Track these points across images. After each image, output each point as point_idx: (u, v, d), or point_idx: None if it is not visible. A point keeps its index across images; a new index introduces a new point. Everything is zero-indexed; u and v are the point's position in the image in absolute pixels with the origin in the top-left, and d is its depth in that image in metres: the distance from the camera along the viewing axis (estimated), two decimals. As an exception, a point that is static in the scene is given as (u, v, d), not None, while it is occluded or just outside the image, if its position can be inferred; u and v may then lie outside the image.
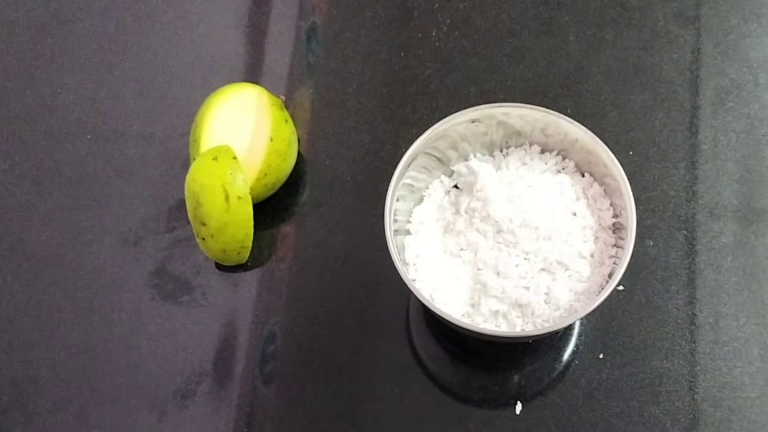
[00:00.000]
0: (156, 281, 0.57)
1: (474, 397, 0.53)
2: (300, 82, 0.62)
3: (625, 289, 0.54)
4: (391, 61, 0.62)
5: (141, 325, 0.56)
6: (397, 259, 0.47)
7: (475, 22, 0.63)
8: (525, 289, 0.48)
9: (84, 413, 0.54)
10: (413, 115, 0.60)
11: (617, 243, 0.50)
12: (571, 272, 0.49)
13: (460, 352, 0.54)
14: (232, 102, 0.56)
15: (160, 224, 0.58)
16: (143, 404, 0.54)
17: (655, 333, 0.53)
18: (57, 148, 0.61)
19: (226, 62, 0.64)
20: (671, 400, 0.52)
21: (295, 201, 0.59)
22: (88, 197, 0.60)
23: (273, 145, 0.55)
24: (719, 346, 0.53)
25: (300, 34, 0.64)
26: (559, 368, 0.53)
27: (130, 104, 0.62)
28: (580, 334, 0.54)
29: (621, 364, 0.53)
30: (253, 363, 0.54)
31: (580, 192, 0.51)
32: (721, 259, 0.55)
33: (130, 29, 0.65)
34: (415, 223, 0.52)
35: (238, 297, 0.56)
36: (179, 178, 0.56)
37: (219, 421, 0.53)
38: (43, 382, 0.55)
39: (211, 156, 0.53)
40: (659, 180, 0.57)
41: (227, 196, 0.52)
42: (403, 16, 0.64)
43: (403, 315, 0.55)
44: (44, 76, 0.64)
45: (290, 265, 0.57)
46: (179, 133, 0.60)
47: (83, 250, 0.58)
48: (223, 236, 0.53)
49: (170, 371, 0.54)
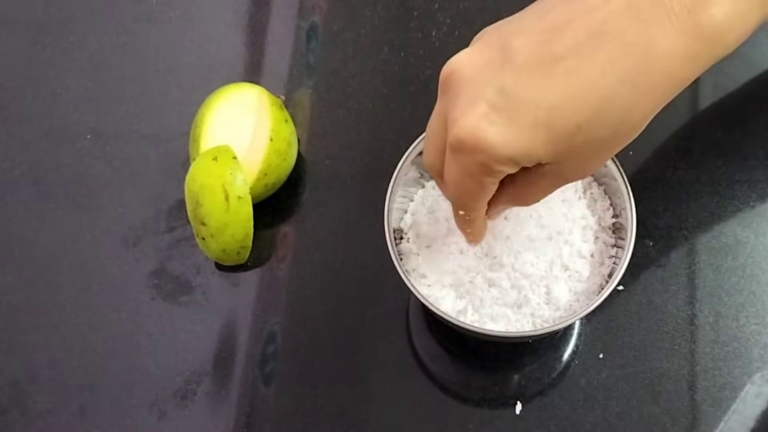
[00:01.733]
0: (156, 281, 0.57)
1: (474, 397, 0.53)
2: (300, 82, 0.62)
3: (625, 289, 0.54)
4: (391, 61, 0.62)
5: (141, 325, 0.56)
6: (397, 259, 0.47)
7: (475, 22, 0.63)
8: (525, 289, 0.48)
9: (84, 413, 0.54)
10: (413, 115, 0.60)
11: (617, 243, 0.50)
12: (571, 272, 0.49)
13: (460, 352, 0.54)
14: (232, 102, 0.56)
15: (160, 224, 0.58)
16: (143, 404, 0.54)
17: (655, 333, 0.53)
18: (57, 148, 0.61)
19: (226, 62, 0.64)
20: (671, 400, 0.52)
21: (295, 201, 0.59)
22: (88, 197, 0.60)
23: (273, 145, 0.55)
24: (719, 346, 0.53)
25: (300, 34, 0.64)
26: (559, 368, 0.53)
27: (130, 104, 0.62)
28: (580, 334, 0.54)
29: (621, 364, 0.53)
30: (253, 363, 0.54)
31: (581, 192, 0.51)
32: (721, 259, 0.55)
33: (130, 29, 0.65)
34: (415, 222, 0.52)
35: (238, 297, 0.56)
36: (179, 178, 0.56)
37: (219, 421, 0.53)
38: (43, 382, 0.55)
39: (211, 156, 0.53)
40: (659, 180, 0.57)
41: (227, 196, 0.52)
42: (403, 16, 0.64)
43: (403, 315, 0.55)
44: (44, 76, 0.64)
45: (290, 265, 0.57)
46: (179, 133, 0.60)
47: (83, 250, 0.58)
48: (223, 236, 0.53)
49: (170, 371, 0.54)
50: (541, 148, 0.38)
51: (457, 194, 0.42)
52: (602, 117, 0.38)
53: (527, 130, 0.38)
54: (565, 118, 0.38)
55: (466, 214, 0.44)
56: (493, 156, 0.38)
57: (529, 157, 0.39)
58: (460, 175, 0.41)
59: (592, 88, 0.37)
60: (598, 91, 0.37)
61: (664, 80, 0.38)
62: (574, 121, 0.38)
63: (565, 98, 0.37)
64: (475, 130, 0.38)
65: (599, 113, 0.38)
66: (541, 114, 0.38)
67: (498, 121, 0.38)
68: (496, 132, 0.38)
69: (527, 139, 0.38)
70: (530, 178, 0.41)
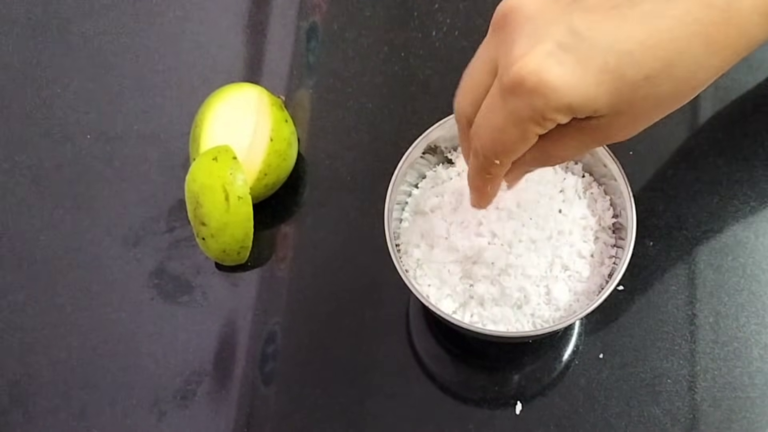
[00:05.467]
0: (156, 281, 0.57)
1: (474, 397, 0.53)
2: (300, 82, 0.62)
3: (625, 289, 0.54)
4: (391, 61, 0.62)
5: (141, 325, 0.56)
6: (397, 259, 0.47)
7: (475, 22, 0.63)
8: (525, 289, 0.48)
9: (84, 413, 0.54)
10: (413, 115, 0.60)
11: (617, 243, 0.50)
12: (571, 272, 0.49)
13: (460, 352, 0.54)
14: (232, 102, 0.56)
15: (160, 224, 0.58)
16: (143, 404, 0.54)
17: (655, 333, 0.53)
18: (57, 148, 0.61)
19: (226, 62, 0.64)
20: (671, 400, 0.52)
21: (295, 201, 0.59)
22: (88, 197, 0.60)
23: (273, 145, 0.55)
24: (719, 346, 0.53)
25: (300, 34, 0.64)
26: (559, 368, 0.53)
27: (130, 104, 0.62)
28: (580, 334, 0.54)
29: (621, 364, 0.53)
30: (253, 363, 0.54)
31: (581, 192, 0.51)
32: (721, 259, 0.55)
33: (130, 29, 0.65)
34: (415, 222, 0.52)
35: (238, 297, 0.56)
36: (179, 178, 0.56)
37: (219, 421, 0.53)
38: (43, 382, 0.55)
39: (211, 156, 0.53)
40: (659, 180, 0.57)
41: (227, 196, 0.53)
42: (403, 16, 0.64)
43: (403, 315, 0.55)
44: (44, 76, 0.64)
45: (290, 265, 0.57)
46: (179, 133, 0.60)
47: (83, 250, 0.58)
48: (223, 236, 0.53)
49: (170, 371, 0.54)
50: (603, 97, 0.36)
51: (493, 143, 0.39)
52: (671, 69, 0.36)
53: (594, 76, 0.36)
54: (636, 67, 0.36)
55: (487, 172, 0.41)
56: (552, 100, 0.36)
57: (587, 105, 0.36)
58: (504, 121, 0.38)
59: (668, 38, 0.35)
60: (673, 41, 0.35)
61: (739, 38, 0.37)
62: (644, 71, 0.36)
63: (639, 45, 0.35)
64: (540, 69, 0.36)
65: (669, 65, 0.36)
66: (612, 59, 0.35)
67: (566, 62, 0.35)
68: (561, 73, 0.35)
69: (592, 86, 0.36)
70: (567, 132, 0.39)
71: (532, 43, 0.36)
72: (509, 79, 0.37)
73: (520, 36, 0.37)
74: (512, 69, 0.36)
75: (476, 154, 0.41)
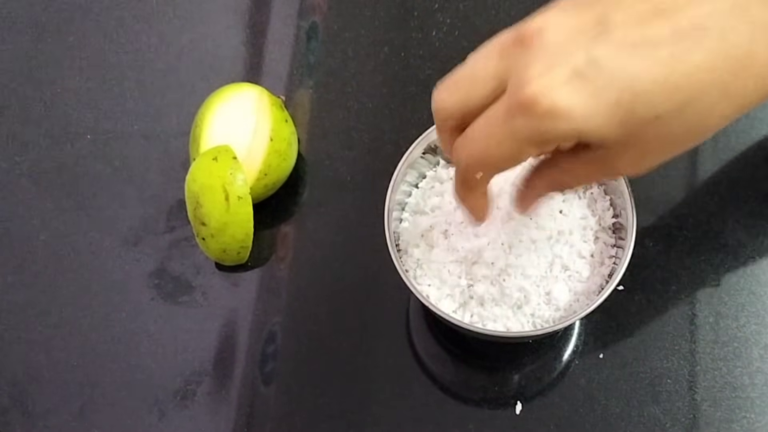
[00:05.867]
0: (156, 281, 0.57)
1: (474, 397, 0.53)
2: (300, 82, 0.62)
3: (625, 289, 0.54)
4: (391, 61, 0.62)
5: (141, 325, 0.56)
6: (397, 259, 0.47)
7: (475, 22, 0.63)
8: (525, 289, 0.48)
9: (84, 413, 0.54)
10: (413, 115, 0.60)
11: (617, 243, 0.50)
12: (571, 272, 0.49)
13: (460, 352, 0.54)
14: (232, 102, 0.56)
15: (160, 224, 0.58)
16: (143, 404, 0.54)
17: (655, 333, 0.53)
18: (57, 148, 0.61)
19: (226, 62, 0.64)
20: (671, 400, 0.52)
21: (295, 201, 0.59)
22: (88, 197, 0.60)
23: (273, 145, 0.55)
24: (719, 346, 0.53)
25: (300, 34, 0.64)
26: (559, 368, 0.53)
27: (130, 104, 0.62)
28: (580, 334, 0.54)
29: (621, 364, 0.53)
30: (253, 363, 0.54)
31: (581, 192, 0.51)
32: (721, 260, 0.55)
33: (130, 29, 0.65)
34: (415, 222, 0.52)
35: (238, 297, 0.56)
36: (179, 178, 0.56)
37: (219, 421, 0.53)
38: (43, 382, 0.55)
39: (211, 156, 0.53)
40: (659, 180, 0.57)
41: (227, 196, 0.53)
42: (403, 16, 0.64)
43: (403, 315, 0.55)
44: (44, 76, 0.64)
45: (290, 265, 0.57)
46: (179, 133, 0.60)
47: (83, 250, 0.58)
48: (223, 236, 0.53)
49: (170, 371, 0.54)
50: (613, 129, 0.36)
51: (483, 156, 0.39)
52: (684, 113, 0.36)
53: (607, 108, 0.36)
54: (648, 105, 0.36)
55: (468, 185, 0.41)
56: (561, 126, 0.36)
57: (595, 135, 0.37)
58: (503, 137, 0.38)
59: (685, 83, 0.36)
60: (689, 86, 0.36)
61: (755, 89, 0.37)
62: (657, 110, 0.36)
63: (655, 85, 0.36)
64: (553, 93, 0.36)
65: (682, 109, 0.36)
66: (627, 95, 0.36)
67: (582, 91, 0.36)
68: (576, 102, 0.36)
69: (604, 117, 0.36)
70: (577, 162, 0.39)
71: (552, 66, 0.36)
72: (521, 98, 0.37)
73: (538, 57, 0.37)
74: (526, 89, 0.36)
75: (458, 164, 0.41)
